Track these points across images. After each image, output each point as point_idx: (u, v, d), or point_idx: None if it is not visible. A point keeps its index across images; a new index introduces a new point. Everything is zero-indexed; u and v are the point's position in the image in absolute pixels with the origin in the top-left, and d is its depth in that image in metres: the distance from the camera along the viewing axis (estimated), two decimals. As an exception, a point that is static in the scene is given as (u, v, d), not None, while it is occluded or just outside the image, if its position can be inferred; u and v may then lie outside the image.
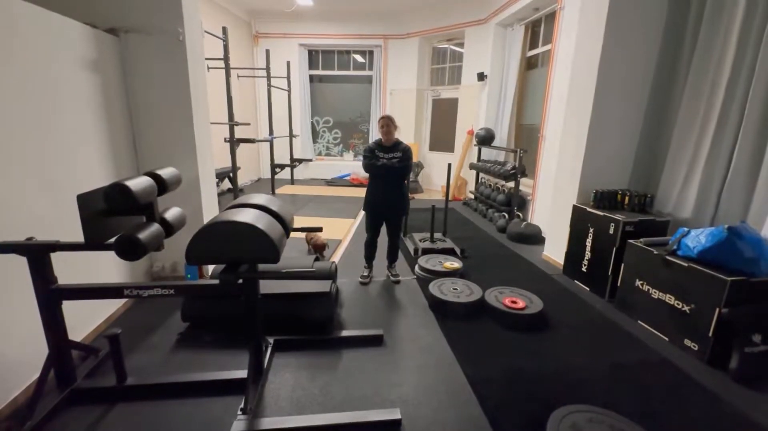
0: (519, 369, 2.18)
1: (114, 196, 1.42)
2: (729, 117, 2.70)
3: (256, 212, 1.65)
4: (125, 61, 2.71)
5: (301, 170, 8.71)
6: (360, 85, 8.74)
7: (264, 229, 1.50)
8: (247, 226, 1.48)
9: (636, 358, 2.33)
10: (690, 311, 2.33)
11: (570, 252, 3.48)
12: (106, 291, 1.71)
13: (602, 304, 2.99)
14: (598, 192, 3.23)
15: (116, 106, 2.65)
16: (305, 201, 6.54)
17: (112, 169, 2.58)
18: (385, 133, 2.94)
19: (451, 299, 2.76)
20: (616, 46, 3.14)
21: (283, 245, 1.66)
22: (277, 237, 1.57)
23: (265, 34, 8.11)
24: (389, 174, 2.97)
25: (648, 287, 2.63)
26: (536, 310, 2.63)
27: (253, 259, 1.54)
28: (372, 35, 8.03)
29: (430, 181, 8.24)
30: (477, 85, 6.67)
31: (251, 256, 1.52)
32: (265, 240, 1.49)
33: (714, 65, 2.79)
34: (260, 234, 1.48)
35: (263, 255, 1.51)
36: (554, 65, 4.51)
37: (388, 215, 3.16)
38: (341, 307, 2.84)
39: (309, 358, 2.22)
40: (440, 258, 3.58)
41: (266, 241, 1.49)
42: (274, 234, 1.55)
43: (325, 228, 4.89)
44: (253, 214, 1.61)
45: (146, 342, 2.34)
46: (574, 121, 3.52)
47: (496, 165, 5.64)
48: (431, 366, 2.20)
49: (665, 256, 2.48)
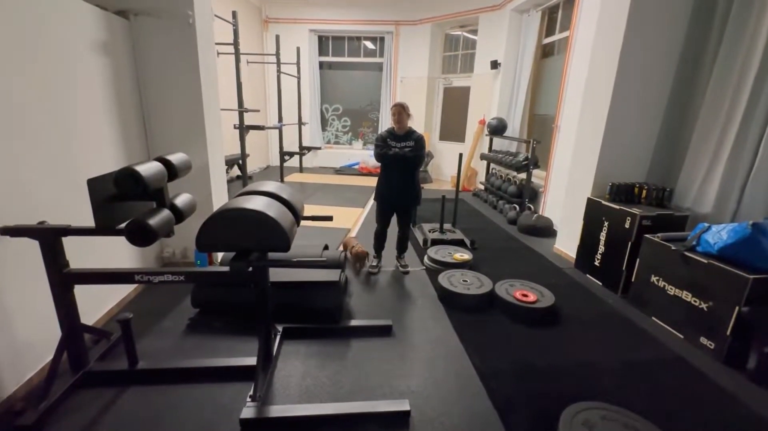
0: (529, 363, 2.15)
1: (124, 181, 1.41)
2: (756, 109, 2.58)
3: (267, 200, 1.63)
4: (135, 44, 2.68)
5: (310, 158, 8.67)
6: (370, 72, 8.62)
7: (275, 217, 1.48)
8: (257, 214, 1.46)
9: (650, 355, 2.29)
10: (708, 309, 2.27)
11: (583, 246, 3.41)
12: (117, 276, 1.71)
13: (615, 299, 2.94)
14: (614, 185, 3.14)
15: (127, 90, 2.63)
16: (314, 189, 6.52)
17: (123, 153, 2.58)
18: (397, 120, 2.88)
19: (461, 291, 2.73)
20: (639, 34, 3.01)
21: (294, 233, 1.64)
22: (288, 226, 1.54)
23: (275, 20, 8.00)
24: (401, 164, 2.92)
25: (664, 283, 2.57)
26: (547, 304, 2.59)
27: (263, 247, 1.52)
28: (383, 21, 7.87)
29: (440, 171, 8.15)
30: (490, 73, 6.52)
31: (262, 244, 1.50)
32: (276, 228, 1.47)
33: (743, 55, 2.66)
34: (271, 222, 1.46)
35: (274, 244, 1.49)
36: (572, 53, 4.37)
37: (400, 206, 3.12)
38: (350, 297, 2.83)
39: (318, 347, 2.22)
40: (450, 249, 3.54)
41: (277, 229, 1.47)
42: (284, 222, 1.52)
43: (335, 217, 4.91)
44: (263, 202, 1.58)
45: (157, 326, 2.36)
46: (591, 111, 3.41)
47: (507, 155, 5.54)
48: (440, 358, 2.18)
49: (684, 252, 2.41)
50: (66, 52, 2.08)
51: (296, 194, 1.91)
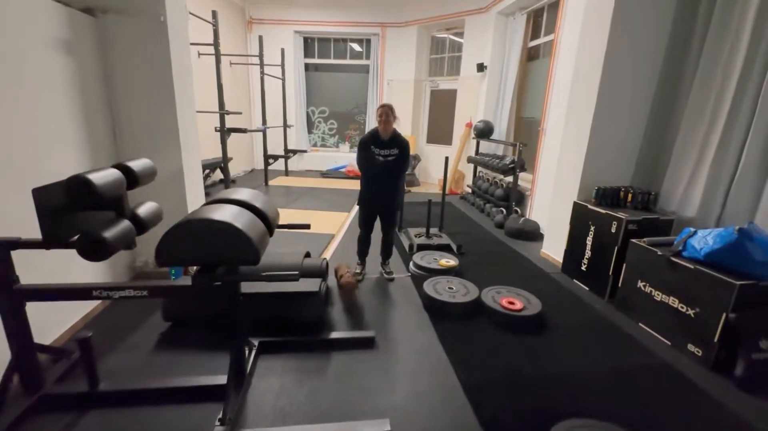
0: (515, 374, 2.08)
1: (74, 190, 1.29)
2: (740, 111, 2.58)
3: (236, 209, 1.52)
4: (103, 42, 2.54)
5: (296, 161, 8.54)
6: (357, 74, 8.53)
7: (242, 228, 1.37)
8: (223, 225, 1.35)
9: (637, 363, 2.24)
10: (695, 315, 2.23)
11: (569, 251, 3.37)
12: (73, 292, 1.58)
13: (602, 305, 2.90)
14: (600, 189, 3.11)
15: (94, 92, 2.49)
16: (299, 193, 6.39)
17: (88, 159, 2.43)
18: (384, 122, 2.78)
19: (447, 299, 2.65)
20: (623, 36, 2.99)
21: (265, 244, 1.53)
22: (258, 237, 1.44)
23: (259, 20, 7.86)
24: (385, 172, 2.84)
25: (650, 289, 2.53)
26: (534, 312, 2.53)
27: (229, 261, 1.42)
28: (369, 23, 7.81)
29: (427, 174, 8.10)
30: (476, 76, 6.50)
31: (227, 257, 1.40)
32: (244, 240, 1.37)
33: (725, 57, 2.66)
34: (238, 234, 1.36)
35: (241, 257, 1.38)
36: (557, 56, 4.36)
37: (383, 210, 3.03)
38: (332, 306, 2.72)
39: (296, 361, 2.11)
40: (436, 255, 3.47)
41: (245, 241, 1.37)
42: (254, 233, 1.42)
43: (319, 222, 4.82)
44: (231, 211, 1.47)
45: (125, 342, 2.22)
46: (576, 114, 3.39)
47: (494, 159, 5.51)
48: (424, 371, 2.10)
49: (670, 257, 2.38)
50: (21, 50, 1.94)
51: (270, 202, 1.81)
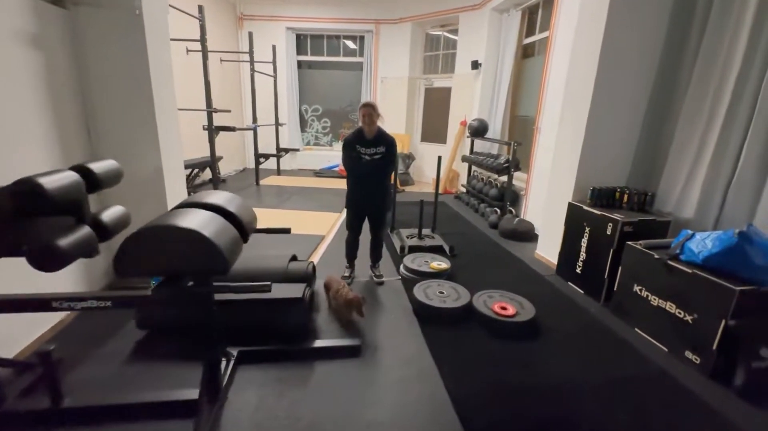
0: (506, 384, 1.99)
1: (22, 196, 1.18)
2: (739, 109, 2.50)
3: (206, 215, 1.41)
4: (75, 36, 2.42)
5: (289, 160, 8.41)
6: (350, 72, 8.41)
7: (210, 236, 1.27)
8: (188, 232, 1.25)
9: (633, 370, 2.16)
10: (693, 321, 2.15)
11: (564, 253, 3.29)
12: (29, 303, 1.47)
13: (597, 309, 2.82)
14: (595, 189, 3.02)
15: (65, 88, 2.37)
16: (291, 193, 6.28)
17: (59, 159, 2.31)
18: (368, 122, 2.68)
19: (437, 304, 2.56)
20: (620, 32, 2.90)
21: (237, 253, 1.43)
22: (228, 245, 1.33)
23: (250, 16, 7.72)
24: (372, 171, 2.73)
25: (647, 293, 2.45)
26: (527, 317, 2.44)
27: (195, 271, 1.31)
28: (363, 19, 7.68)
29: (421, 173, 8.00)
30: (471, 73, 6.40)
31: (193, 268, 1.29)
32: (211, 248, 1.26)
33: (724, 53, 2.58)
34: (204, 242, 1.25)
35: (208, 267, 1.28)
36: (552, 53, 4.27)
37: (371, 212, 2.93)
38: (317, 311, 2.62)
39: (277, 372, 2.01)
40: (427, 257, 3.37)
41: (211, 250, 1.26)
42: (223, 241, 1.31)
43: (310, 223, 4.71)
44: (200, 217, 1.37)
45: (97, 352, 2.11)
46: (571, 112, 3.30)
47: (488, 158, 5.42)
48: (412, 382, 2.00)
49: (667, 261, 2.30)
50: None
51: (246, 206, 1.70)
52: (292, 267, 2.59)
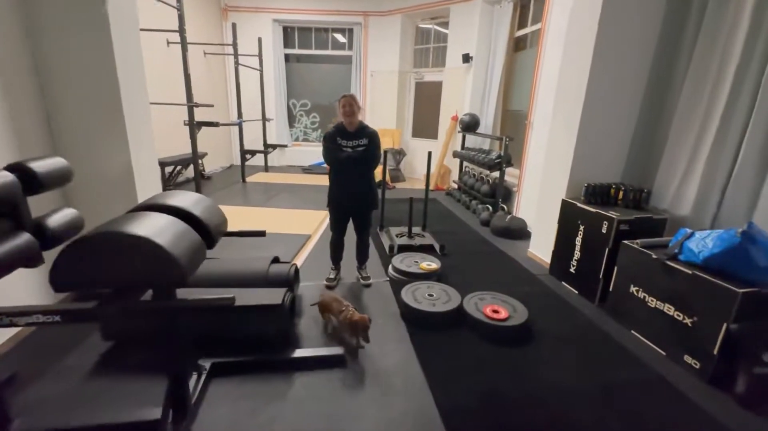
0: (498, 393, 1.88)
1: (-63, 199, 1.01)
2: (738, 103, 2.40)
3: (164, 219, 1.26)
4: (30, 20, 2.22)
5: (277, 157, 8.21)
6: (339, 65, 8.21)
7: (164, 244, 1.11)
8: (137, 240, 1.09)
9: (630, 376, 2.06)
10: (692, 324, 2.06)
11: (557, 252, 3.18)
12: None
13: (592, 310, 2.72)
14: (589, 186, 2.91)
15: (19, 78, 2.18)
16: (278, 190, 6.10)
17: (14, 151, 2.12)
18: (348, 114, 2.53)
19: (426, 308, 2.43)
20: (615, 23, 2.78)
21: (199, 260, 1.28)
22: (186, 253, 1.18)
23: (234, 8, 7.47)
24: (355, 165, 2.59)
25: (644, 294, 2.35)
26: (520, 321, 2.32)
27: (146, 283, 1.16)
28: (351, 11, 7.48)
29: (412, 169, 7.87)
30: (462, 67, 6.26)
31: (143, 280, 1.14)
32: (164, 258, 1.11)
33: (723, 44, 2.47)
34: (155, 251, 1.10)
35: (161, 278, 1.13)
36: (544, 46, 4.15)
37: (355, 210, 2.79)
38: (300, 317, 2.48)
39: (253, 385, 1.87)
40: (417, 257, 3.24)
41: (165, 260, 1.11)
42: (180, 248, 1.16)
43: (296, 221, 4.55)
44: (156, 222, 1.21)
45: (58, 366, 1.94)
46: (564, 106, 3.18)
47: (480, 153, 5.30)
48: (398, 393, 1.88)
49: (665, 261, 2.19)
50: None
51: (215, 208, 1.55)
52: (273, 271, 2.44)
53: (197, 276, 1.50)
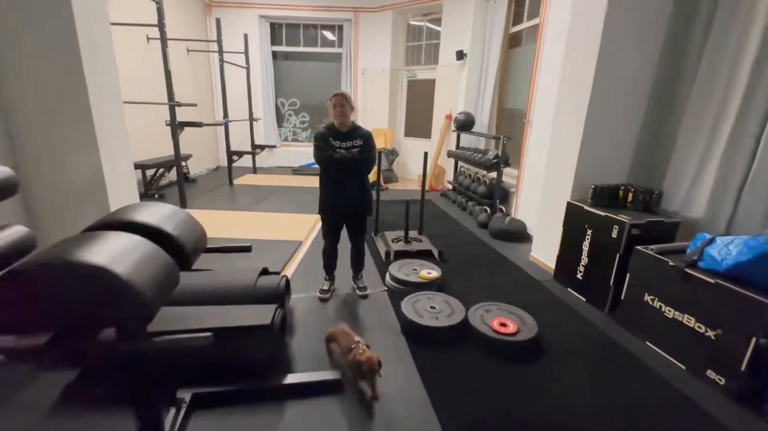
0: (510, 417, 1.71)
1: None
2: (755, 95, 2.26)
3: (127, 239, 1.05)
4: (-16, 13, 1.98)
5: (265, 158, 7.95)
6: (329, 63, 7.98)
7: (122, 272, 0.91)
8: (85, 269, 0.88)
9: (647, 393, 1.91)
10: (716, 337, 1.91)
11: (563, 256, 3.03)
12: None
13: (602, 319, 2.57)
14: (597, 187, 2.77)
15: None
16: (267, 192, 5.86)
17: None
18: (340, 114, 2.34)
19: (428, 322, 2.25)
20: (622, 15, 2.63)
21: (169, 289, 1.07)
22: (151, 282, 0.98)
23: (219, 3, 7.18)
24: (350, 167, 2.39)
25: (660, 303, 2.21)
26: (529, 335, 2.16)
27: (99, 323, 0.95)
28: (341, 7, 7.26)
29: (405, 169, 7.69)
30: (456, 64, 6.10)
31: (95, 319, 0.93)
32: (122, 290, 0.90)
33: (738, 33, 2.33)
34: (111, 282, 0.89)
35: (120, 316, 0.92)
36: (543, 41, 4.00)
37: (349, 217, 2.59)
38: (292, 335, 2.28)
39: (240, 418, 1.67)
40: (415, 264, 3.06)
41: (123, 293, 0.90)
42: (143, 276, 0.96)
43: (286, 226, 4.33)
44: (115, 244, 1.00)
45: (17, 399, 1.71)
46: (568, 104, 3.03)
47: (476, 153, 5.14)
48: (400, 420, 1.69)
49: (684, 269, 2.05)
50: None
51: (191, 222, 1.34)
52: (261, 284, 2.23)
53: (174, 291, 1.29)
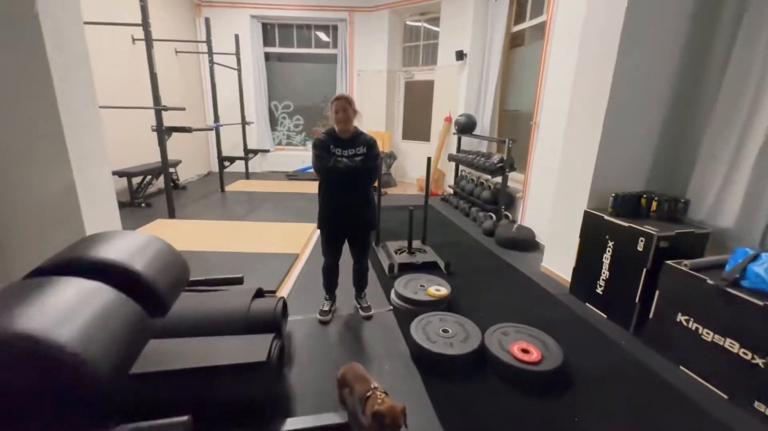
0: (547, 470, 1.50)
1: None
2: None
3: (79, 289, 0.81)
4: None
5: (258, 162, 7.70)
6: (324, 65, 7.75)
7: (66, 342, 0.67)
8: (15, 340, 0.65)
9: (691, 427, 1.71)
10: (764, 365, 1.72)
11: (580, 269, 2.84)
12: None
13: (628, 340, 2.37)
14: (618, 196, 2.57)
15: None
16: (261, 200, 5.61)
17: None
18: (343, 120, 2.11)
19: (441, 349, 2.03)
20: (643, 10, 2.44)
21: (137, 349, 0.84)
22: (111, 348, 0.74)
23: (209, 2, 6.92)
24: (354, 177, 2.16)
25: (696, 325, 2.01)
26: (556, 364, 1.94)
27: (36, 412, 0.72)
28: (335, 7, 7.04)
29: (404, 173, 7.48)
30: (455, 65, 5.90)
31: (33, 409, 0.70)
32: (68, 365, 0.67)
33: (772, 32, 2.16)
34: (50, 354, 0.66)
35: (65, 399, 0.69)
36: (550, 40, 3.81)
37: (353, 232, 2.37)
38: (290, 366, 2.05)
39: (232, 475, 1.43)
40: (422, 280, 2.84)
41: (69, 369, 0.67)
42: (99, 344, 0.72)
43: (282, 237, 4.07)
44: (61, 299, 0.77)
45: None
46: (584, 107, 2.84)
47: (479, 157, 4.94)
48: (420, 474, 1.47)
49: (725, 288, 1.85)
50: None
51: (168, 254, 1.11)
52: (255, 308, 2.00)
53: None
